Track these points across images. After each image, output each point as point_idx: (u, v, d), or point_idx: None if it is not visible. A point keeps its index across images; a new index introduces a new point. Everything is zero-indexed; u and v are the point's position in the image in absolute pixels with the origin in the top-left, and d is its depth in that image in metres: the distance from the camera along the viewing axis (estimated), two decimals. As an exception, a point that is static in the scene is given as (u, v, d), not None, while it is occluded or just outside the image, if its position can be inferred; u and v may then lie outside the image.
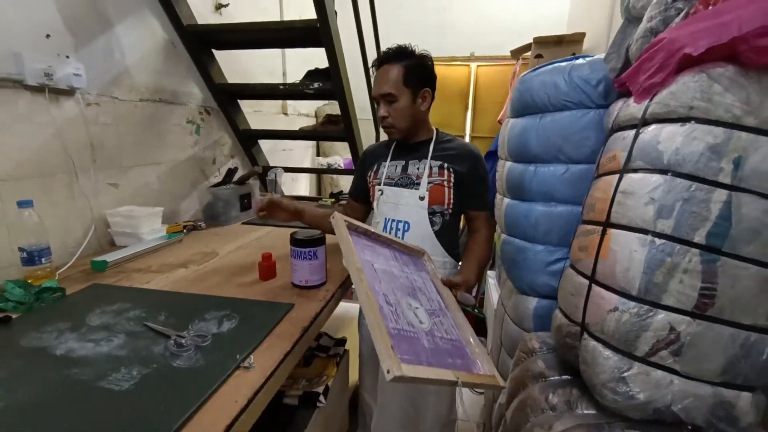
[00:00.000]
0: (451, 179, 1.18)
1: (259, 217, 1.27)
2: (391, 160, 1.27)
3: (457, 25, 3.52)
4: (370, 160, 1.33)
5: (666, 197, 0.63)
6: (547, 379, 0.85)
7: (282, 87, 2.12)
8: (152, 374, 0.68)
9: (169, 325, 0.84)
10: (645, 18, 0.76)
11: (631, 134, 0.71)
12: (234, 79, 2.02)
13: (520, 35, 2.67)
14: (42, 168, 1.20)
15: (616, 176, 0.71)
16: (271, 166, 2.33)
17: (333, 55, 1.65)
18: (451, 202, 1.19)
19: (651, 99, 0.68)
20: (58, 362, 0.71)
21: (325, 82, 1.82)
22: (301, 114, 3.27)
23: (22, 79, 1.12)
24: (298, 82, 1.97)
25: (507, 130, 1.23)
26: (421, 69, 1.16)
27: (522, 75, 1.19)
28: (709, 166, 0.60)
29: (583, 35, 2.25)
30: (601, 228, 0.73)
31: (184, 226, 1.61)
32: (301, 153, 3.36)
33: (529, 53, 2.41)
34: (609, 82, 0.97)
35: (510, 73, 2.88)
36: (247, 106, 2.25)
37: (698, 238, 0.61)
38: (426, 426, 1.20)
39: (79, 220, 1.31)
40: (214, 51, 1.93)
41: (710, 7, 0.64)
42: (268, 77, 2.62)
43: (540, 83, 1.10)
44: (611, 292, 0.68)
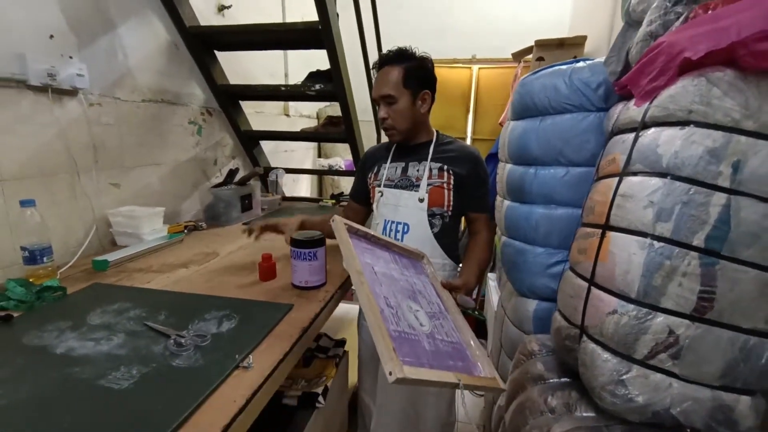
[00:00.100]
0: (451, 181, 1.18)
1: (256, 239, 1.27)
2: (391, 162, 1.27)
3: (459, 28, 3.52)
4: (371, 161, 1.33)
5: (665, 200, 0.63)
6: (547, 382, 0.85)
7: (284, 88, 2.13)
8: (152, 373, 0.68)
9: (169, 324, 0.84)
10: (645, 22, 0.76)
11: (631, 137, 0.71)
12: (236, 80, 2.03)
13: (521, 38, 2.67)
14: (44, 168, 1.20)
15: (616, 179, 0.72)
16: (273, 167, 2.34)
17: (334, 56, 1.66)
18: (451, 204, 1.20)
19: (650, 102, 0.68)
20: (59, 361, 0.72)
21: (327, 84, 1.83)
22: (303, 115, 3.28)
23: (26, 80, 1.13)
24: (299, 83, 1.98)
25: (507, 132, 1.23)
26: (421, 71, 1.16)
27: (522, 78, 1.19)
28: (708, 170, 0.60)
29: (584, 38, 2.25)
30: (601, 231, 0.73)
31: (185, 227, 1.61)
32: (303, 154, 3.36)
33: (531, 56, 2.42)
34: (609, 86, 0.97)
35: (511, 76, 2.89)
36: (249, 107, 2.26)
37: (697, 242, 0.61)
38: (426, 428, 1.19)
39: (81, 220, 1.32)
40: (217, 52, 1.93)
41: (709, 12, 0.65)
42: (270, 79, 2.63)
43: (540, 86, 1.10)
44: (610, 295, 0.69)
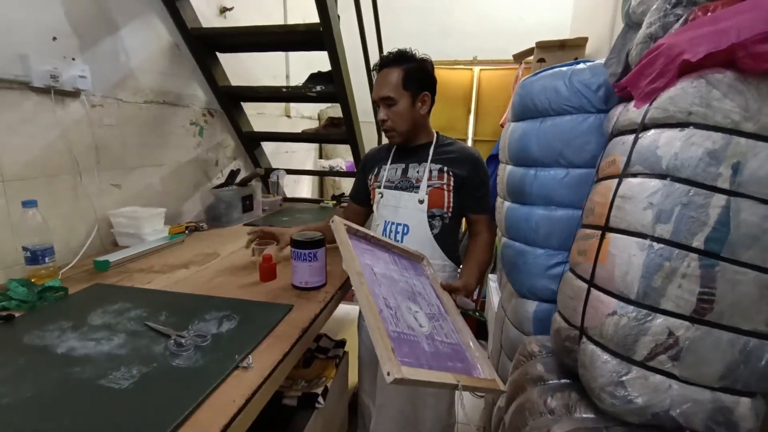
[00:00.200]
0: (451, 183, 1.18)
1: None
2: (391, 164, 1.27)
3: (460, 29, 3.53)
4: (371, 163, 1.33)
5: (665, 202, 0.63)
6: (546, 383, 0.85)
7: (285, 90, 2.13)
8: (152, 373, 0.69)
9: (169, 324, 0.84)
10: (645, 24, 0.76)
11: (631, 139, 0.71)
12: (237, 81, 2.03)
13: (522, 39, 2.67)
14: (47, 168, 1.21)
15: (616, 181, 0.72)
16: (274, 168, 2.34)
17: (335, 58, 1.66)
18: (451, 205, 1.20)
19: (650, 104, 0.68)
20: (60, 360, 0.72)
21: (328, 85, 1.84)
22: (304, 117, 3.28)
23: (29, 81, 1.13)
24: (301, 85, 1.98)
25: (508, 133, 1.23)
26: (420, 73, 1.16)
27: (523, 79, 1.19)
28: (708, 172, 0.60)
29: (585, 40, 2.25)
30: (600, 232, 0.73)
31: (186, 227, 1.62)
32: (304, 155, 3.37)
33: (532, 57, 2.42)
34: (609, 87, 0.97)
35: (513, 77, 2.88)
36: (251, 109, 2.27)
37: (697, 243, 0.61)
38: (425, 429, 1.19)
39: (83, 221, 1.32)
40: (218, 54, 1.94)
41: (709, 14, 0.65)
42: (272, 80, 2.63)
43: (541, 88, 1.10)
44: (610, 296, 0.69)
